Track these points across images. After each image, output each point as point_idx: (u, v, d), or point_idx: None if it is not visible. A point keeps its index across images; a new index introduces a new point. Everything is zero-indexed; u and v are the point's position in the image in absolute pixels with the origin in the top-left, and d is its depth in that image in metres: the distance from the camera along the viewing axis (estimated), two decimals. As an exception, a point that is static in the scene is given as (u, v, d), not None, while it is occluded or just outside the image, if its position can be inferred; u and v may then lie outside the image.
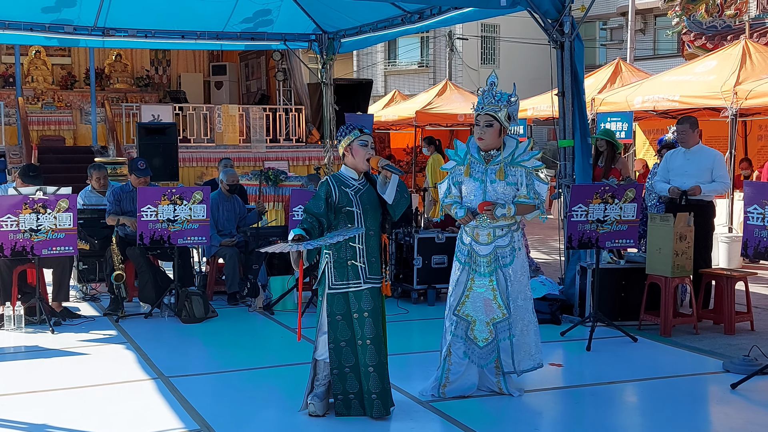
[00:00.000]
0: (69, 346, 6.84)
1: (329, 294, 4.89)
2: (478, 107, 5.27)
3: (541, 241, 13.97)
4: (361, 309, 4.89)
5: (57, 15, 11.39)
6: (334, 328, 4.89)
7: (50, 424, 4.90)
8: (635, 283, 7.49)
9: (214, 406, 5.22)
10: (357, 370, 4.90)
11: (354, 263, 4.88)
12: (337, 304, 4.89)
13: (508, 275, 5.29)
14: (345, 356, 4.89)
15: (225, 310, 8.22)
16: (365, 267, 4.89)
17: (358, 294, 4.89)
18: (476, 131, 5.30)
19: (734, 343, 6.88)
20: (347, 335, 4.89)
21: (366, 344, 4.87)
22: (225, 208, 8.86)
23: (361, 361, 4.89)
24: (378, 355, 4.88)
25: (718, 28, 17.44)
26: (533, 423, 5.02)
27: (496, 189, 5.26)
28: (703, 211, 7.54)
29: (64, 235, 7.29)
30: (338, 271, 4.87)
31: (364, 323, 4.88)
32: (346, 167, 5.00)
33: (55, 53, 19.89)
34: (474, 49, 32.34)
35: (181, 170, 13.86)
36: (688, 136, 7.74)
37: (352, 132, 4.94)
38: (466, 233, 5.37)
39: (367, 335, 4.88)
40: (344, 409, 4.93)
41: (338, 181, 4.92)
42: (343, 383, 4.91)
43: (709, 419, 5.23)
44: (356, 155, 4.92)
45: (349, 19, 11.95)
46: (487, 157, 5.32)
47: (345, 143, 4.94)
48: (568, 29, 7.85)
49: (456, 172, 5.40)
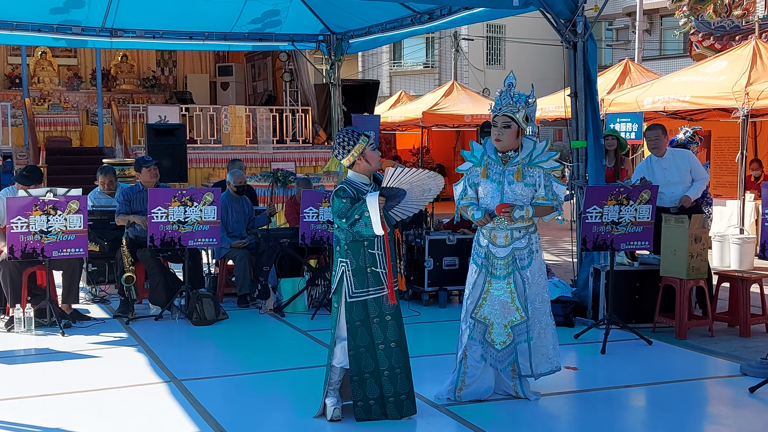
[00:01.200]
0: (79, 348, 6.80)
1: (349, 303, 4.84)
2: (496, 108, 5.22)
3: (552, 242, 13.92)
4: (382, 313, 4.86)
5: (65, 16, 11.37)
6: (354, 334, 4.84)
7: (63, 428, 4.87)
8: (649, 285, 7.42)
9: (227, 409, 5.18)
10: (377, 374, 4.86)
11: (374, 269, 4.84)
12: (357, 311, 4.85)
13: (526, 277, 5.23)
14: (365, 362, 4.85)
15: (235, 312, 8.17)
16: (386, 271, 4.85)
17: (378, 299, 4.85)
18: (493, 132, 5.25)
19: (750, 346, 6.82)
20: (366, 341, 4.85)
21: (390, 347, 4.86)
22: (234, 210, 8.82)
23: (382, 365, 4.85)
24: (404, 356, 4.90)
25: (726, 28, 17.35)
26: (549, 426, 4.98)
27: (514, 190, 5.21)
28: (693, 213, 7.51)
29: (74, 237, 7.25)
30: (358, 279, 4.82)
31: (387, 327, 4.86)
32: (356, 174, 4.90)
33: (62, 54, 19.91)
34: (479, 50, 32.30)
35: (189, 171, 13.84)
36: (661, 143, 7.88)
37: (360, 139, 4.82)
38: (483, 235, 5.31)
39: (390, 338, 4.87)
40: (364, 415, 4.88)
41: (354, 188, 4.85)
42: (363, 389, 4.86)
43: (728, 423, 5.15)
44: (371, 161, 4.87)
45: (357, 20, 11.91)
46: (504, 159, 5.27)
47: (357, 150, 4.81)
48: (581, 29, 7.80)
49: (472, 173, 5.35)
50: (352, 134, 4.83)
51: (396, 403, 4.90)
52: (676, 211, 7.62)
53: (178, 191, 7.76)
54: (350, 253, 4.82)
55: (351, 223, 4.72)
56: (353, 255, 4.82)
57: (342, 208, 4.76)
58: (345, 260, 4.84)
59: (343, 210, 4.75)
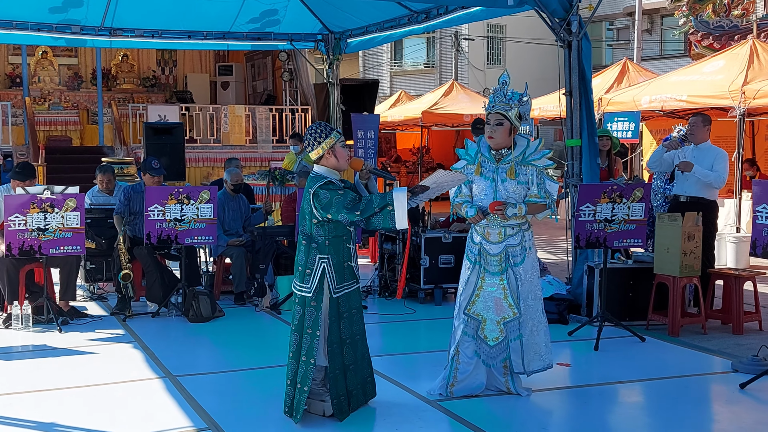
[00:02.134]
0: (76, 345, 6.84)
1: (333, 299, 4.82)
2: (489, 106, 5.26)
3: (548, 241, 13.95)
4: (350, 307, 4.91)
5: (64, 15, 11.42)
6: (332, 330, 4.85)
7: (58, 423, 4.91)
8: (643, 282, 7.46)
9: (222, 405, 5.22)
10: (344, 370, 4.91)
11: (349, 264, 4.88)
12: (333, 306, 4.85)
13: (519, 274, 5.27)
14: (338, 358, 4.88)
15: (232, 309, 8.22)
16: (356, 266, 4.94)
17: (348, 294, 4.89)
18: (487, 130, 5.29)
19: (743, 343, 6.85)
20: (337, 337, 4.87)
21: (355, 339, 4.94)
22: (230, 208, 8.87)
23: (348, 359, 4.91)
24: (365, 345, 5.05)
25: (726, 27, 17.38)
26: (541, 423, 5.00)
27: (507, 188, 5.24)
28: (706, 210, 7.53)
29: (71, 235, 7.29)
30: (338, 275, 4.82)
31: (353, 320, 4.92)
32: (325, 168, 4.83)
33: (62, 54, 19.96)
34: (480, 50, 32.30)
35: (188, 170, 13.90)
36: (698, 130, 7.75)
37: (332, 133, 4.80)
38: (477, 232, 5.35)
39: (356, 332, 4.95)
40: (340, 412, 4.88)
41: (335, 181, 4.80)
42: (336, 386, 4.87)
43: (718, 419, 5.20)
44: (339, 157, 4.84)
45: (355, 19, 11.95)
46: (497, 156, 5.31)
47: (327, 145, 4.78)
48: (575, 28, 7.83)
49: (467, 171, 5.39)
50: (325, 128, 4.83)
51: (363, 387, 5.01)
52: (686, 200, 7.64)
53: (174, 189, 7.79)
54: (332, 249, 4.79)
55: (368, 215, 4.65)
56: (335, 250, 4.80)
57: (348, 200, 4.66)
58: (326, 256, 4.78)
59: (352, 202, 4.66)
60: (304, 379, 4.79)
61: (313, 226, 4.80)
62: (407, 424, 4.88)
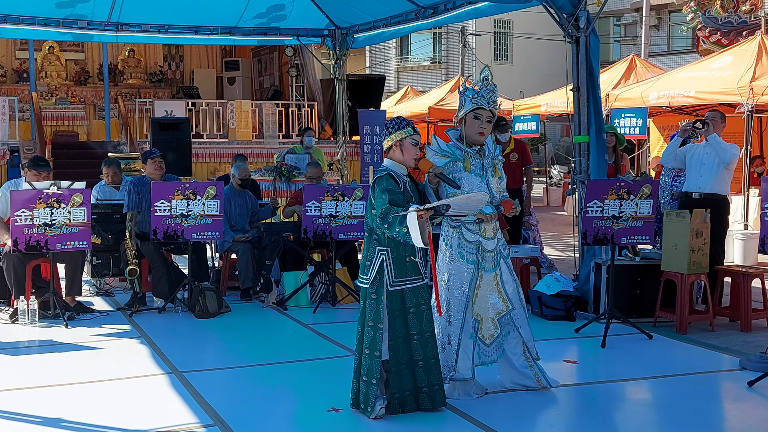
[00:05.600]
0: (83, 340, 6.85)
1: (390, 292, 4.80)
2: (482, 102, 5.21)
3: (556, 237, 13.93)
4: (418, 303, 4.85)
5: (71, 10, 11.44)
6: (393, 324, 4.82)
7: (64, 418, 4.91)
8: (650, 279, 7.44)
9: (228, 401, 5.21)
10: (411, 365, 4.85)
11: (413, 259, 4.83)
12: (396, 300, 4.82)
13: (508, 265, 5.36)
14: (402, 353, 4.83)
15: (238, 305, 8.22)
16: (422, 262, 4.88)
17: (415, 289, 4.84)
18: (476, 125, 5.22)
19: (751, 341, 6.83)
20: (403, 332, 4.83)
21: (425, 337, 4.86)
22: (237, 203, 8.86)
23: (416, 355, 4.84)
24: (435, 347, 4.91)
25: (734, 23, 17.34)
26: (548, 420, 4.99)
27: (493, 184, 5.30)
28: (717, 207, 7.49)
29: (78, 230, 7.30)
30: (398, 268, 4.79)
31: (423, 317, 4.85)
32: (392, 162, 4.89)
33: (69, 49, 19.98)
34: (487, 45, 32.26)
35: (194, 166, 13.88)
36: (716, 124, 7.71)
37: (405, 128, 4.85)
38: (470, 231, 5.26)
39: (426, 329, 4.86)
40: (399, 408, 4.85)
41: (396, 175, 4.82)
42: (400, 381, 4.84)
43: (726, 417, 5.18)
44: (406, 152, 4.87)
45: (362, 14, 11.93)
46: (479, 152, 5.31)
47: (396, 137, 4.84)
48: (583, 24, 7.80)
49: (455, 168, 5.26)
50: (401, 121, 4.90)
51: (429, 393, 4.89)
52: (698, 196, 7.62)
53: (181, 185, 7.79)
54: (391, 241, 4.76)
55: (393, 234, 4.64)
56: (394, 243, 4.77)
57: (383, 209, 4.66)
58: (385, 248, 4.78)
59: (384, 211, 4.66)
60: (371, 372, 4.79)
61: (374, 218, 4.80)
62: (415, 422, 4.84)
